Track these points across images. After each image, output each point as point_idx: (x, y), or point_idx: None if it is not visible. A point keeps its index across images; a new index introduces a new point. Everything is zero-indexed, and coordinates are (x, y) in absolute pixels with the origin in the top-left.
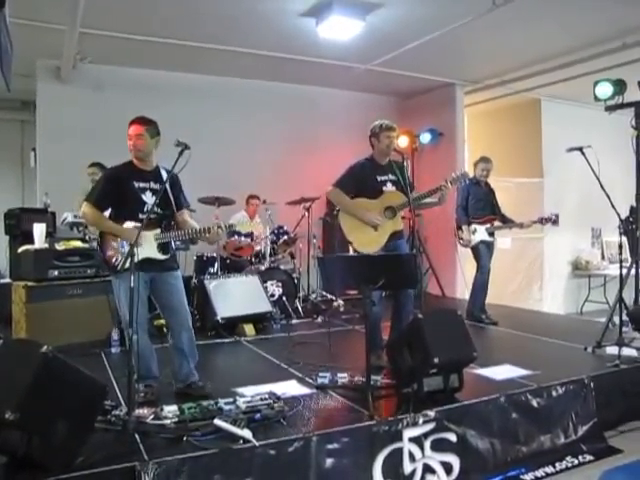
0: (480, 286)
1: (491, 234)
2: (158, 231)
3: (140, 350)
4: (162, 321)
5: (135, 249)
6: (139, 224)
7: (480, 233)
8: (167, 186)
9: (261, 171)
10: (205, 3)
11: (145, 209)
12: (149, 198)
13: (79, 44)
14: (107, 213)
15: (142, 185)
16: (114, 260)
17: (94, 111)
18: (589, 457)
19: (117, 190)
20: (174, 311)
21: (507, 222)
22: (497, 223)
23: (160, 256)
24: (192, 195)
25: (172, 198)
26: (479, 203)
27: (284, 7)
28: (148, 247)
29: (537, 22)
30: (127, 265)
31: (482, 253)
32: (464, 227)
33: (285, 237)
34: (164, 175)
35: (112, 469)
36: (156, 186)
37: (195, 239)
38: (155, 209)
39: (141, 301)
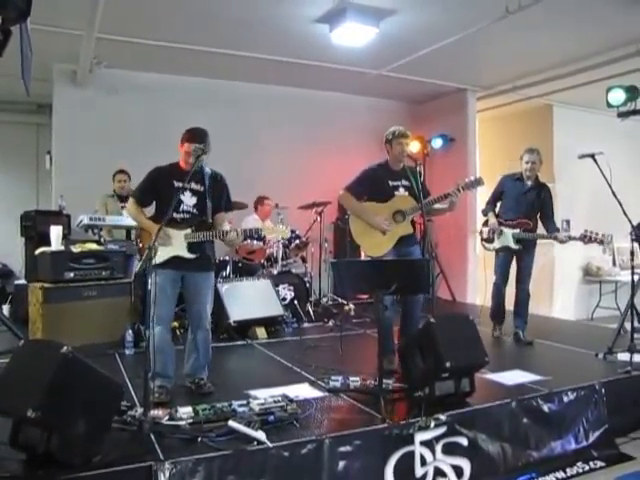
0: (492, 296)
1: (518, 241)
2: (189, 231)
3: (160, 345)
4: (175, 323)
5: (153, 248)
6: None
7: (505, 238)
8: (206, 188)
9: (273, 175)
10: (220, 9)
11: (181, 208)
12: (187, 198)
13: (96, 49)
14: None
15: (182, 185)
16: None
17: (109, 115)
18: (600, 463)
19: (157, 188)
20: (194, 310)
21: (534, 231)
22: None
23: (188, 255)
24: None
25: (210, 200)
26: (512, 202)
27: (298, 13)
28: (178, 245)
29: (549, 29)
30: (158, 261)
31: (497, 262)
32: (489, 214)
33: (297, 241)
34: (207, 177)
35: (129, 468)
36: (197, 187)
37: (228, 242)
38: (190, 209)
39: (167, 298)
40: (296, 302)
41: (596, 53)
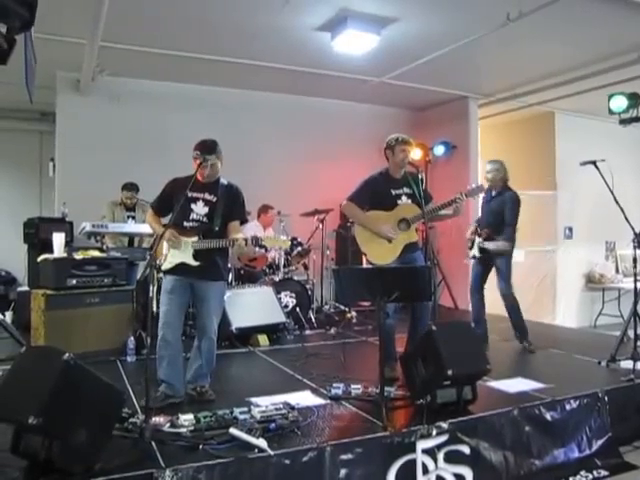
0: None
1: (482, 250)
2: (196, 238)
3: (165, 351)
4: None
5: (160, 254)
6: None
7: (474, 247)
8: (217, 198)
9: (275, 182)
10: (222, 17)
11: (191, 217)
12: (199, 208)
13: (98, 57)
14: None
15: (195, 195)
16: (158, 260)
17: (112, 122)
18: (604, 472)
19: (172, 197)
20: (200, 318)
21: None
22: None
23: (193, 262)
24: None
25: (221, 210)
26: (481, 211)
27: (299, 22)
28: (185, 253)
29: (550, 36)
30: (167, 266)
31: (471, 270)
32: (472, 224)
33: (299, 248)
34: (222, 188)
35: (130, 475)
36: (209, 197)
37: (236, 250)
38: (200, 218)
39: (173, 303)
40: (298, 309)
41: (597, 60)
